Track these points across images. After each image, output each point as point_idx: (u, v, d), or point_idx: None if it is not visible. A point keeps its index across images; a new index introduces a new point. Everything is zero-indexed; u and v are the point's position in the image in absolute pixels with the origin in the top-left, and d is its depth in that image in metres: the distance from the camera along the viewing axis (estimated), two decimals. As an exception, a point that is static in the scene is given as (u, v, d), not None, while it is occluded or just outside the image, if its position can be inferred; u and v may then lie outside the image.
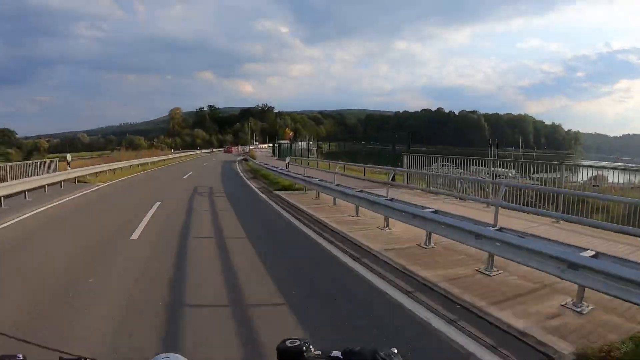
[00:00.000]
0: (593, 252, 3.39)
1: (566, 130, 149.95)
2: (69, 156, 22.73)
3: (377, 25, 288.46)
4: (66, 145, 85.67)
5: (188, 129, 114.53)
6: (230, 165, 30.30)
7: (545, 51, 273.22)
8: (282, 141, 44.13)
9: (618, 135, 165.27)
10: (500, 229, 4.29)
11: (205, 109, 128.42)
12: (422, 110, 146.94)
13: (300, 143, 36.36)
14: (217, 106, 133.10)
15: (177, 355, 0.79)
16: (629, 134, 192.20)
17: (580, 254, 3.35)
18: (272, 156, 39.56)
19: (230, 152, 63.16)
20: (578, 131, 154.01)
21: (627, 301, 2.92)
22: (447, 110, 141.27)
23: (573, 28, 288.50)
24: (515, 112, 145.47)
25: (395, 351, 0.71)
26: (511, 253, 3.85)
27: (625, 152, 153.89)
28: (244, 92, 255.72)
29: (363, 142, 26.19)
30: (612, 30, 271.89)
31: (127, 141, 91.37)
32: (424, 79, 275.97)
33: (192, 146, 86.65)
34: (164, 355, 0.78)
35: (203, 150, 69.09)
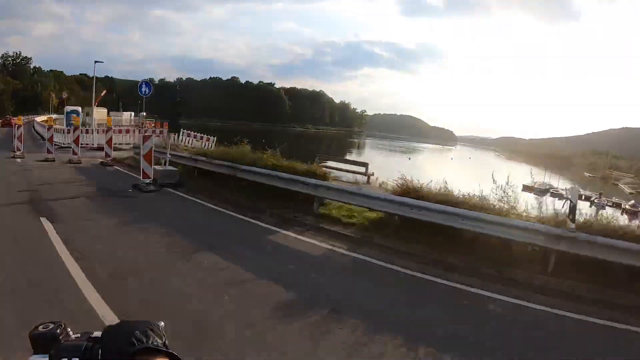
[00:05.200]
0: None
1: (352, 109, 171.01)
2: None
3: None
4: None
5: None
6: None
7: (299, 34, 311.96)
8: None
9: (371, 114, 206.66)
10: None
11: None
12: (210, 78, 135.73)
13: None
14: None
15: None
16: (379, 114, 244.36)
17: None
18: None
19: None
20: (364, 110, 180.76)
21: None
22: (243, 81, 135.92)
23: (327, 17, 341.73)
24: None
25: (162, 324, 0.60)
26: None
27: (384, 129, 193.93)
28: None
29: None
30: (362, 23, 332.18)
31: None
32: (176, 48, 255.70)
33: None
34: None
35: None
